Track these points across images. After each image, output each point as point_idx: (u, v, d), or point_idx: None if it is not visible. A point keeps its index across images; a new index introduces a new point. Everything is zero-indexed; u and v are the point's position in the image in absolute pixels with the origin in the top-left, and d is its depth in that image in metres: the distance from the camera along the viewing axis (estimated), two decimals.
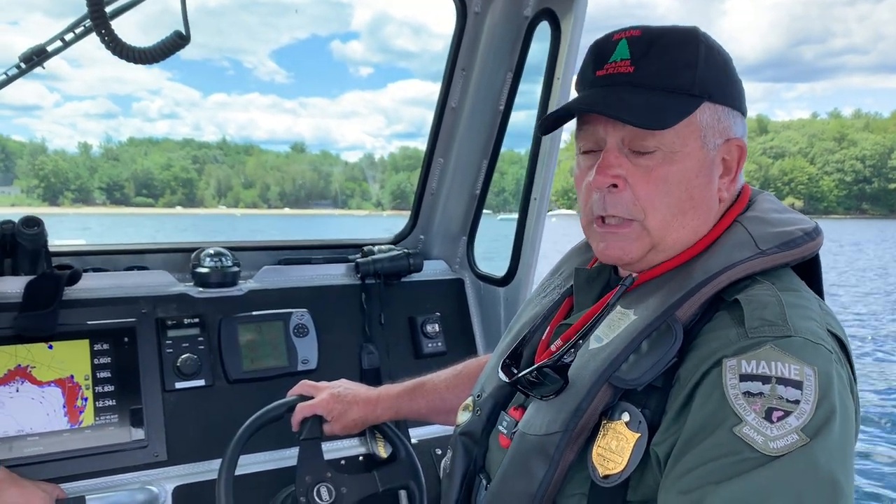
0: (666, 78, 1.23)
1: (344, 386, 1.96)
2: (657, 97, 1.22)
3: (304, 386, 1.98)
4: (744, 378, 1.06)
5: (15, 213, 2.09)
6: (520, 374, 1.36)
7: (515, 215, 2.48)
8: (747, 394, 1.05)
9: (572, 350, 1.29)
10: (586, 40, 2.23)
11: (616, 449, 1.16)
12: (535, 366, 1.32)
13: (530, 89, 2.53)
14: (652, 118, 1.20)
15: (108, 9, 1.77)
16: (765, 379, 1.05)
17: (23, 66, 1.94)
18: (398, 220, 2.90)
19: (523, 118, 2.61)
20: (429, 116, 2.67)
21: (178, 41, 1.80)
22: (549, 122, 1.36)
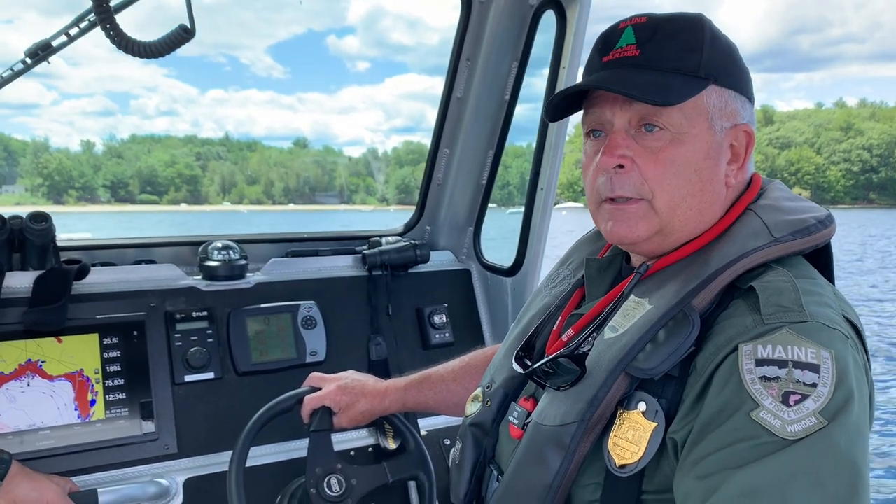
0: (672, 60, 1.23)
1: (352, 378, 1.97)
2: (663, 77, 1.22)
3: (313, 379, 1.99)
4: (760, 363, 1.06)
5: (20, 212, 2.09)
6: (535, 366, 1.35)
7: (523, 209, 2.48)
8: (764, 378, 1.04)
9: (589, 339, 1.29)
10: (591, 30, 2.23)
11: (633, 438, 1.16)
12: (552, 356, 1.31)
13: (533, 82, 2.53)
14: (658, 95, 1.20)
15: (112, 3, 1.78)
16: (781, 363, 1.05)
17: (28, 61, 1.94)
18: (404, 215, 2.89)
19: (526, 111, 2.61)
20: (427, 110, 2.69)
21: (184, 35, 1.80)
22: (556, 107, 1.36)
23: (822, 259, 1.30)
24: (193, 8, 1.79)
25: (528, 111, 2.61)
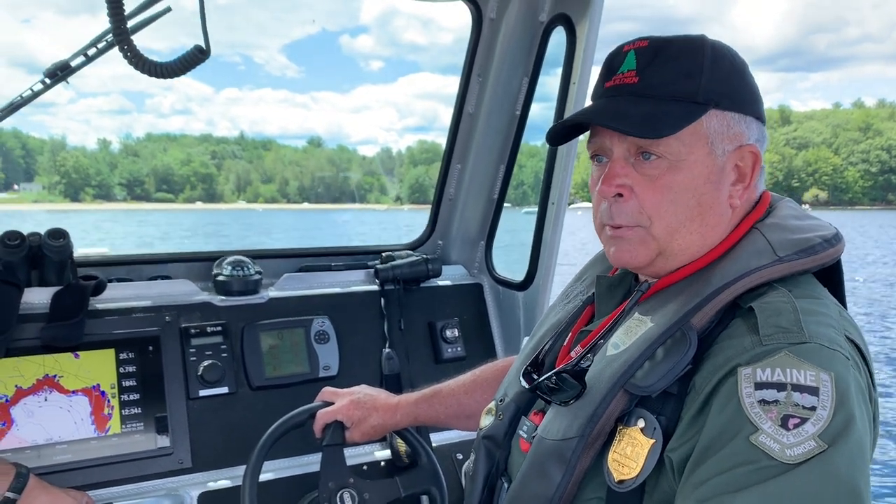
0: (669, 86, 1.24)
1: (364, 392, 1.98)
2: (659, 106, 1.23)
3: (325, 393, 2.01)
4: (759, 386, 1.06)
5: (38, 210, 2.12)
6: (539, 381, 1.37)
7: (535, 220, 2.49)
8: (763, 402, 1.05)
9: (589, 355, 1.31)
10: (601, 42, 2.24)
11: (631, 454, 1.17)
12: (553, 371, 1.34)
13: (548, 81, 2.53)
14: (648, 128, 1.21)
15: (130, 23, 1.80)
16: (780, 386, 1.05)
17: (48, 81, 1.97)
18: (418, 215, 2.90)
19: (542, 111, 2.60)
20: (440, 110, 2.71)
21: (199, 55, 1.82)
22: (556, 134, 1.39)
23: (834, 277, 1.31)
24: (208, 17, 1.82)
25: (543, 110, 2.60)
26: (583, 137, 1.42)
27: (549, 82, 2.50)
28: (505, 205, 2.74)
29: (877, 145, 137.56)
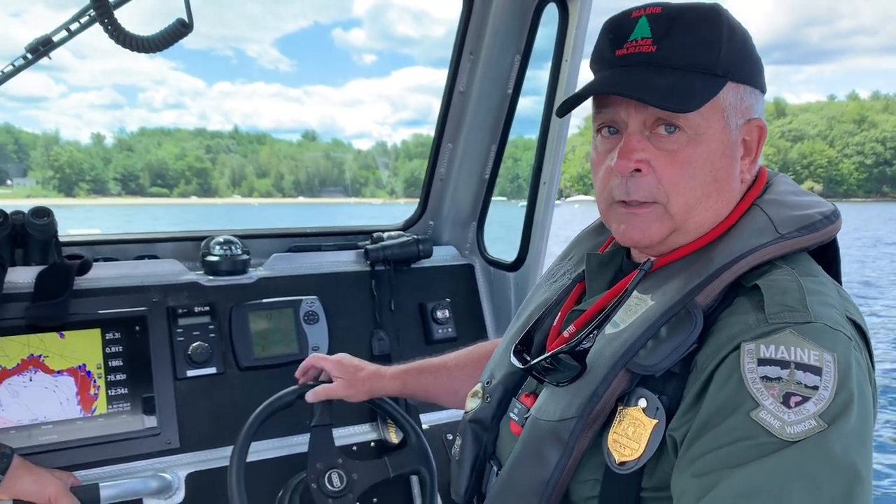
0: (689, 57, 1.19)
1: (351, 357, 1.99)
2: (681, 78, 1.18)
3: (312, 358, 2.00)
4: (762, 362, 1.04)
5: (31, 204, 2.10)
6: (534, 361, 1.34)
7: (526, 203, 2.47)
8: (765, 378, 1.03)
9: (591, 336, 1.26)
10: (594, 22, 2.22)
11: (633, 435, 1.15)
12: (552, 352, 1.29)
13: (537, 75, 2.51)
14: (678, 100, 1.16)
15: None
16: (783, 364, 1.04)
17: (29, 56, 1.94)
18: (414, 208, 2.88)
19: (536, 104, 2.58)
20: (434, 103, 2.66)
21: (181, 29, 1.79)
22: (567, 104, 1.32)
23: (828, 254, 1.29)
24: (197, 3, 1.79)
25: (536, 104, 2.58)
26: (578, 114, 1.37)
27: (541, 76, 2.48)
28: (501, 198, 2.72)
29: (871, 137, 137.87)
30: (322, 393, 1.92)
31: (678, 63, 1.19)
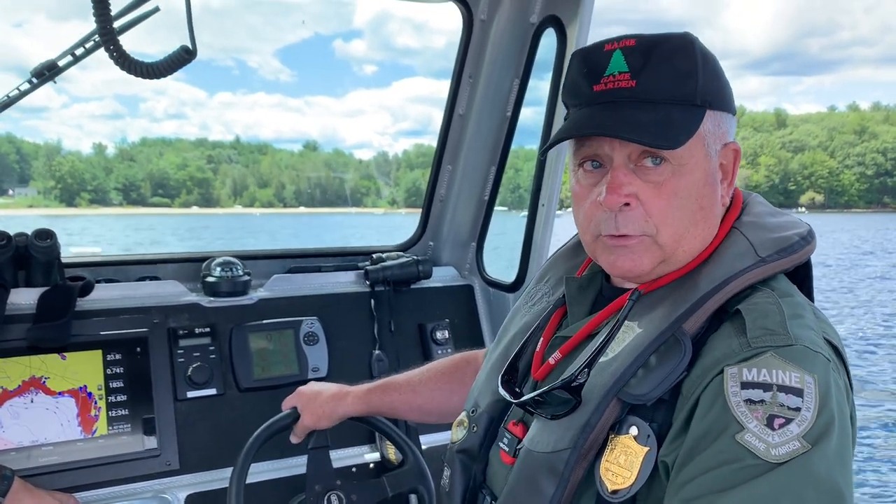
0: (669, 91, 1.20)
1: (313, 384, 1.94)
2: (663, 112, 1.19)
3: (288, 401, 1.94)
4: (745, 385, 1.06)
5: (32, 215, 2.11)
6: (527, 397, 1.32)
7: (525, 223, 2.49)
8: (749, 401, 1.05)
9: (586, 370, 1.24)
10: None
11: (625, 463, 1.15)
12: (546, 388, 1.28)
13: (538, 86, 2.52)
14: (664, 137, 1.17)
15: (117, 24, 1.80)
16: (766, 386, 1.05)
17: (35, 80, 1.97)
18: (415, 219, 2.89)
19: (537, 115, 2.59)
20: (434, 114, 2.69)
21: (185, 56, 1.82)
22: (552, 145, 1.32)
23: (800, 272, 1.30)
24: (199, 11, 1.81)
25: (538, 115, 2.59)
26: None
27: (542, 87, 2.50)
28: (502, 208, 2.74)
29: (872, 148, 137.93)
30: (299, 430, 1.91)
31: (659, 97, 1.20)
